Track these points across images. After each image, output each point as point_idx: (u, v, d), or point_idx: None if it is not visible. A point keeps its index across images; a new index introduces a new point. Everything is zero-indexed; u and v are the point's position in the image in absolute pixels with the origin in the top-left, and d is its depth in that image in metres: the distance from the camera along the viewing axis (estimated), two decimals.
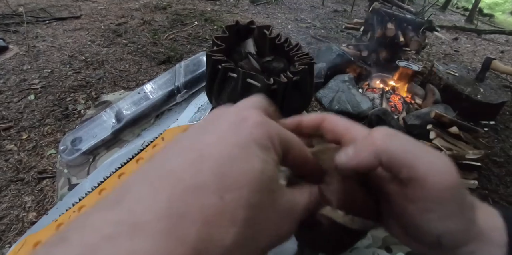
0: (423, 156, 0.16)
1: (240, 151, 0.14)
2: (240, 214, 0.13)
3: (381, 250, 0.46)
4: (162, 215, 0.11)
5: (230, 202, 0.12)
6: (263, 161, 0.14)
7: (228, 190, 0.13)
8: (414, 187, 0.16)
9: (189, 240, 0.11)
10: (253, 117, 0.15)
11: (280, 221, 0.15)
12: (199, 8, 3.63)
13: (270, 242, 0.15)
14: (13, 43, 2.40)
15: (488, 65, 2.17)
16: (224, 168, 0.13)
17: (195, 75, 0.69)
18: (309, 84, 0.61)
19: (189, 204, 0.12)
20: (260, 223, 0.14)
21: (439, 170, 0.16)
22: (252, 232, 0.13)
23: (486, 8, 6.19)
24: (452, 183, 0.16)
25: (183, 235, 0.11)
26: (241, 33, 0.63)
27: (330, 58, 2.27)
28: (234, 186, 0.13)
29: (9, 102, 1.81)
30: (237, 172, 0.13)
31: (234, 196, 0.13)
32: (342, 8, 4.48)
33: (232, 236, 0.12)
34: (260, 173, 0.14)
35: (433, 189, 0.16)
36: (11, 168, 1.43)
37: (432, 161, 0.16)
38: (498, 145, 1.97)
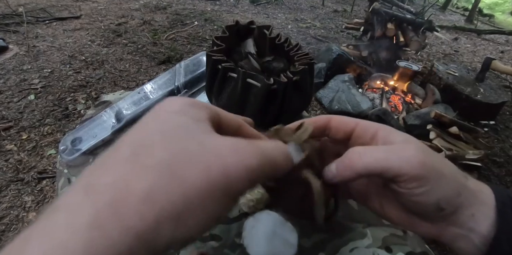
0: (393, 159, 0.21)
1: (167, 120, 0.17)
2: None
3: (381, 250, 0.46)
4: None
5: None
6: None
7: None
8: (397, 179, 0.21)
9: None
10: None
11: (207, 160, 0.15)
12: (199, 8, 3.63)
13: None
14: (13, 43, 2.40)
15: (488, 65, 2.17)
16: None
17: (195, 75, 0.69)
18: (309, 84, 0.61)
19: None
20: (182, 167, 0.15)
21: (407, 162, 0.20)
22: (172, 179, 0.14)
23: (486, 8, 6.19)
24: (420, 167, 0.20)
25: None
26: (241, 33, 0.63)
27: (330, 58, 2.27)
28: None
29: (9, 102, 1.81)
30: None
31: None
32: (342, 8, 4.48)
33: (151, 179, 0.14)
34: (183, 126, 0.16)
35: (410, 175, 0.20)
36: (11, 168, 1.43)
37: (399, 158, 0.21)
38: (498, 145, 1.97)
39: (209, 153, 0.15)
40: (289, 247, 0.44)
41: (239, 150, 0.16)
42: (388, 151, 0.21)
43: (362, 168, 0.21)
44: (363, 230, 0.48)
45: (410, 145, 0.22)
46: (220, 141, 0.16)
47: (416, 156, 0.20)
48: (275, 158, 0.18)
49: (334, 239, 0.47)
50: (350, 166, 0.22)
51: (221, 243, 0.45)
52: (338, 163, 0.23)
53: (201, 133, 0.16)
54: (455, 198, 0.21)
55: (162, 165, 0.14)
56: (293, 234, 0.45)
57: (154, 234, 0.13)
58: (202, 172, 0.14)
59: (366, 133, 0.24)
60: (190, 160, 0.14)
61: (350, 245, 0.46)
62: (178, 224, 0.13)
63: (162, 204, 0.13)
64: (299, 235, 0.46)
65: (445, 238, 0.22)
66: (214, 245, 0.45)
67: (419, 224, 0.23)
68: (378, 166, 0.21)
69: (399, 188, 0.21)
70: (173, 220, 0.13)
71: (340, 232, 0.48)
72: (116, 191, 0.13)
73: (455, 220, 0.21)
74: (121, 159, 0.15)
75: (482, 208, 0.21)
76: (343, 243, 0.46)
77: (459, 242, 0.22)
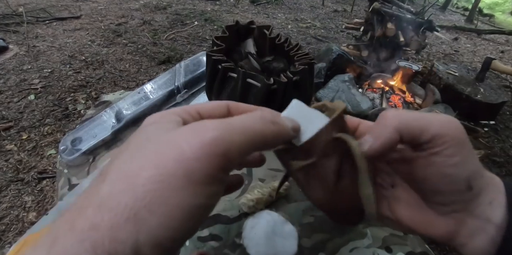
0: (432, 119, 0.20)
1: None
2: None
3: (381, 250, 0.46)
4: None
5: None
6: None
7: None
8: (435, 142, 0.19)
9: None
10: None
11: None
12: (199, 8, 3.63)
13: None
14: (13, 43, 2.40)
15: (488, 65, 2.17)
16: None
17: (195, 75, 0.69)
18: (309, 84, 0.61)
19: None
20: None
21: (448, 122, 0.20)
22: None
23: (486, 8, 6.19)
24: (461, 130, 0.20)
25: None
26: (241, 33, 0.63)
27: (330, 58, 2.27)
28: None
29: (9, 102, 1.81)
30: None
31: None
32: (342, 8, 4.48)
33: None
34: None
35: (451, 137, 0.19)
36: (11, 168, 1.43)
37: (440, 120, 0.20)
38: (498, 145, 1.97)
39: (162, 145, 0.15)
40: (289, 247, 0.44)
41: (195, 129, 0.15)
42: (426, 114, 0.21)
43: (400, 125, 0.20)
44: (363, 230, 0.48)
45: (447, 115, 0.21)
46: (179, 129, 0.16)
47: (454, 119, 0.20)
48: (250, 127, 0.16)
49: (334, 239, 0.47)
50: (387, 124, 0.20)
51: (221, 243, 0.45)
52: (375, 126, 0.21)
53: (163, 132, 0.16)
54: (480, 178, 0.20)
55: (117, 173, 0.14)
56: (293, 234, 0.45)
57: (114, 242, 0.12)
58: (152, 166, 0.14)
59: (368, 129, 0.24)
60: (142, 158, 0.14)
61: (350, 245, 0.46)
62: (139, 226, 0.13)
63: (115, 209, 0.13)
64: (299, 235, 0.46)
65: (462, 236, 0.21)
66: (214, 245, 0.45)
67: (434, 221, 0.22)
68: (417, 124, 0.20)
69: (434, 156, 0.20)
70: (129, 223, 0.13)
71: (339, 232, 0.48)
72: (75, 205, 0.14)
73: (474, 208, 0.20)
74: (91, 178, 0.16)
75: (498, 196, 0.20)
76: (343, 243, 0.46)
77: (476, 238, 0.20)
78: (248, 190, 0.53)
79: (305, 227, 0.48)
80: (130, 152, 0.15)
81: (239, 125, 0.16)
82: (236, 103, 0.22)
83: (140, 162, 0.14)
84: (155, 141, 0.15)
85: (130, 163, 0.15)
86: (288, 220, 0.47)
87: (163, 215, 0.13)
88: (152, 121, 0.18)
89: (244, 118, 0.17)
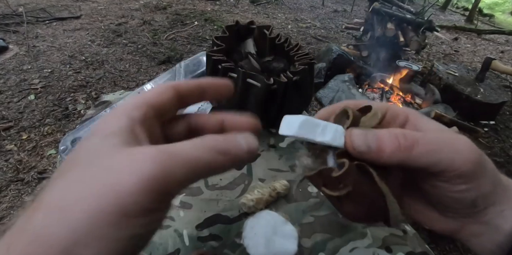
0: (444, 150, 0.18)
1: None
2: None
3: (381, 250, 0.46)
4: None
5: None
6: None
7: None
8: (443, 174, 0.19)
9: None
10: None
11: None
12: (199, 8, 3.63)
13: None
14: (13, 43, 2.40)
15: (488, 65, 2.17)
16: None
17: (195, 75, 0.69)
18: (309, 84, 0.61)
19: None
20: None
21: (461, 157, 0.18)
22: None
23: (486, 8, 6.19)
24: (473, 162, 0.18)
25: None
26: (241, 33, 0.63)
27: (330, 58, 2.27)
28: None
29: (9, 102, 1.81)
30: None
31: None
32: (342, 8, 4.48)
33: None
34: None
35: (461, 171, 0.18)
36: (11, 168, 1.43)
37: (453, 151, 0.19)
38: (498, 145, 1.97)
39: (101, 173, 0.14)
40: (289, 247, 0.44)
41: (135, 161, 0.14)
42: (439, 141, 0.19)
43: (403, 159, 0.19)
44: (363, 230, 0.48)
45: (460, 137, 0.19)
46: (121, 155, 0.15)
47: (471, 151, 0.19)
48: (194, 158, 0.15)
49: (334, 239, 0.47)
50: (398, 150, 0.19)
51: (221, 243, 0.45)
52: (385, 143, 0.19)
53: (105, 155, 0.15)
54: (490, 196, 0.20)
55: (52, 202, 0.14)
56: (293, 234, 0.45)
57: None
58: (88, 198, 0.13)
59: (396, 118, 0.22)
60: (80, 187, 0.14)
61: (350, 245, 0.46)
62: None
63: (49, 242, 0.13)
64: (299, 235, 0.46)
65: (464, 234, 0.21)
66: (214, 245, 0.45)
67: (438, 219, 0.22)
68: (424, 160, 0.18)
69: (438, 182, 0.19)
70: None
71: (339, 232, 0.48)
72: (9, 233, 0.14)
73: (481, 217, 0.20)
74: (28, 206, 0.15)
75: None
76: (343, 243, 0.46)
77: (480, 238, 0.21)
78: (248, 190, 0.53)
79: (305, 227, 0.48)
80: (69, 179, 0.15)
81: (182, 157, 0.15)
82: (180, 82, 0.20)
83: (77, 192, 0.14)
84: (95, 166, 0.15)
85: (67, 192, 0.14)
86: (288, 220, 0.47)
87: (98, 248, 0.13)
88: (98, 128, 0.17)
89: (189, 148, 0.15)
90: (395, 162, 0.19)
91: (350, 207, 0.21)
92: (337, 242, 0.46)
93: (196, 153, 0.15)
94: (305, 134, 0.19)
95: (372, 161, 0.19)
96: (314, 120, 0.20)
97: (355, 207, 0.21)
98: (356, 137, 0.19)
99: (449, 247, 1.26)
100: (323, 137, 0.19)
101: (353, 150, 0.19)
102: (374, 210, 0.21)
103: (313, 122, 0.20)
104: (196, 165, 0.15)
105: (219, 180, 0.55)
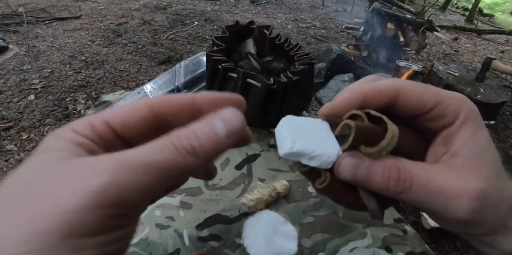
0: (435, 199, 0.17)
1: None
2: None
3: (381, 250, 0.46)
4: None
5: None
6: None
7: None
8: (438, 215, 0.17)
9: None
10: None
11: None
12: (199, 8, 3.63)
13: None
14: (13, 43, 2.39)
15: (488, 65, 2.17)
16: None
17: (195, 75, 0.69)
18: (309, 84, 0.61)
19: None
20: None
21: (453, 208, 0.16)
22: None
23: (486, 8, 6.19)
24: (471, 212, 0.16)
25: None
26: (241, 33, 0.63)
27: (330, 58, 2.27)
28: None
29: (9, 102, 1.81)
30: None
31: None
32: (342, 8, 4.48)
33: None
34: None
35: (457, 220, 0.17)
36: (11, 168, 1.43)
37: (444, 201, 0.17)
38: (498, 145, 1.97)
39: (38, 193, 0.12)
40: (289, 247, 0.44)
41: (80, 171, 0.12)
42: (433, 190, 0.17)
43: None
44: (363, 230, 0.48)
45: (469, 175, 0.17)
46: (61, 169, 0.13)
47: (468, 200, 0.16)
48: (157, 162, 0.13)
49: (334, 239, 0.47)
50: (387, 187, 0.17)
51: (221, 243, 0.45)
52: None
53: (42, 173, 0.13)
54: (499, 226, 0.18)
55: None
56: (293, 234, 0.45)
57: None
58: (22, 223, 0.11)
59: (443, 117, 0.18)
60: (12, 213, 0.12)
61: (350, 245, 0.46)
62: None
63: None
64: (299, 235, 0.46)
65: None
66: (214, 245, 0.45)
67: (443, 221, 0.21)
68: (418, 198, 0.17)
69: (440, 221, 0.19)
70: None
71: (339, 232, 0.48)
72: None
73: (491, 242, 0.19)
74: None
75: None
76: (343, 243, 0.46)
77: (494, 238, 0.19)
78: (248, 190, 0.53)
79: (305, 227, 0.48)
80: (0, 204, 0.12)
81: (136, 162, 0.13)
82: (164, 99, 0.17)
83: (9, 218, 0.12)
84: (31, 186, 0.12)
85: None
86: (288, 220, 0.47)
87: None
88: (42, 147, 0.14)
89: (145, 152, 0.13)
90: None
91: (346, 195, 0.19)
92: (337, 242, 0.46)
93: (154, 156, 0.13)
94: (296, 157, 0.18)
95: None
96: (307, 145, 0.17)
97: (349, 192, 0.19)
98: (344, 169, 0.17)
99: (449, 247, 1.26)
100: (313, 162, 0.18)
101: (342, 179, 0.18)
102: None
103: (305, 148, 0.17)
104: (157, 170, 0.13)
105: (219, 180, 0.55)
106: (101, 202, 0.12)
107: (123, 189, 0.12)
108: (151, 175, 0.13)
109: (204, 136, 0.14)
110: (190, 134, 0.14)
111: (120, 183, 0.12)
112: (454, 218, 0.17)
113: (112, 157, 0.13)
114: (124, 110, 0.16)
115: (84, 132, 0.15)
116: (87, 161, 0.13)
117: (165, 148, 0.13)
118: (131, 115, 0.16)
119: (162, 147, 0.13)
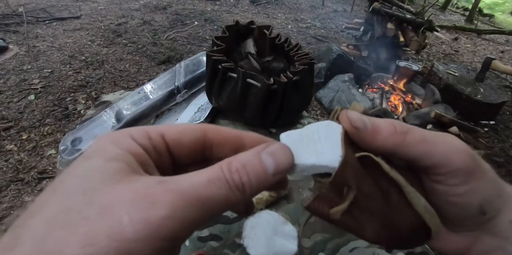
0: (437, 142, 0.17)
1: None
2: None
3: (381, 250, 0.46)
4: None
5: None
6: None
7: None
8: (437, 171, 0.17)
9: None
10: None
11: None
12: (199, 8, 3.63)
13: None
14: (13, 43, 2.40)
15: (488, 65, 2.18)
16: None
17: (195, 75, 0.69)
18: (309, 84, 0.61)
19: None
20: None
21: (454, 150, 0.17)
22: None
23: (486, 8, 6.19)
24: (468, 157, 0.17)
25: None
26: (241, 33, 0.63)
27: (330, 58, 2.27)
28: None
29: (9, 102, 1.81)
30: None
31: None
32: (342, 8, 4.48)
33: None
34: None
35: (456, 167, 0.17)
36: (11, 168, 1.43)
37: (445, 145, 0.17)
38: (498, 145, 1.97)
39: (96, 210, 0.12)
40: (289, 247, 0.44)
41: (143, 199, 0.12)
42: (432, 134, 0.18)
43: (395, 146, 0.17)
44: None
45: (451, 135, 0.18)
46: (122, 189, 0.13)
47: (464, 148, 0.17)
48: (210, 198, 0.13)
49: (334, 239, 0.47)
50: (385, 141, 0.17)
51: (221, 243, 0.45)
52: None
53: (101, 185, 0.13)
54: (496, 200, 0.18)
55: (32, 243, 0.11)
56: (293, 234, 0.45)
57: None
58: (78, 241, 0.11)
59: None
60: (68, 227, 0.11)
61: (350, 245, 0.46)
62: None
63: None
64: (299, 235, 0.46)
65: (476, 251, 0.20)
66: (214, 245, 0.45)
67: (446, 238, 0.20)
68: (417, 148, 0.17)
69: (437, 184, 0.18)
70: None
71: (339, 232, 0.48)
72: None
73: (491, 228, 0.19)
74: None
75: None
76: (343, 243, 0.46)
77: (494, 254, 0.19)
78: None
79: (305, 227, 0.48)
80: (54, 213, 0.12)
81: (198, 197, 0.13)
82: (216, 128, 0.17)
83: (64, 232, 0.11)
84: (87, 200, 0.12)
85: (51, 231, 0.11)
86: (288, 220, 0.47)
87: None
88: (97, 149, 0.14)
89: (200, 185, 0.13)
90: (389, 147, 0.17)
91: (368, 224, 0.18)
92: (337, 242, 0.46)
93: (208, 191, 0.13)
94: (305, 172, 0.17)
95: (366, 146, 0.18)
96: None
97: (373, 220, 0.18)
98: (353, 113, 0.18)
99: None
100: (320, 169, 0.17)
101: (349, 127, 0.17)
102: (399, 216, 0.18)
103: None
104: (209, 205, 0.13)
105: None
106: (158, 235, 0.12)
107: (179, 222, 0.12)
108: (206, 211, 0.13)
109: (253, 172, 0.14)
110: (240, 167, 0.14)
111: (177, 218, 0.12)
112: (455, 170, 0.17)
113: (171, 186, 0.13)
114: (180, 128, 0.17)
115: (141, 141, 0.15)
116: (148, 186, 0.13)
117: (218, 183, 0.14)
118: (186, 134, 0.17)
119: (217, 181, 0.14)
